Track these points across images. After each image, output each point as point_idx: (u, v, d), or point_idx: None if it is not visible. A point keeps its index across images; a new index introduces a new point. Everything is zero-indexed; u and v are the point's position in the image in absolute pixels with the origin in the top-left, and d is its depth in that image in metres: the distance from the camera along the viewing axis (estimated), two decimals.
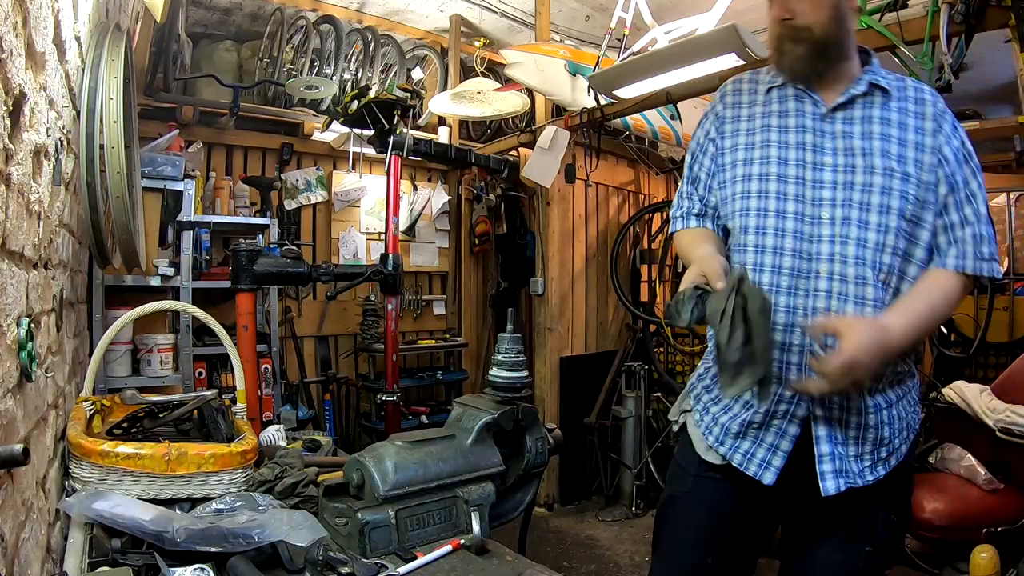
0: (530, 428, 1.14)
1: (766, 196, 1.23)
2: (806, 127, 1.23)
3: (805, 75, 1.22)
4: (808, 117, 1.23)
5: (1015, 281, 3.37)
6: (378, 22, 4.05)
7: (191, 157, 3.08)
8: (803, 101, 1.25)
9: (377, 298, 4.00)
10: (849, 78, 1.22)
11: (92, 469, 1.07)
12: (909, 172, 1.16)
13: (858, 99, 1.21)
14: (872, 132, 1.19)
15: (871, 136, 1.18)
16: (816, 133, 1.21)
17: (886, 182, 1.15)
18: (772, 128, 1.26)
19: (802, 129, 1.23)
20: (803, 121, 1.23)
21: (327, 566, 0.89)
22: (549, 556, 3.12)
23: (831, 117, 1.21)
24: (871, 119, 1.20)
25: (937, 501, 2.46)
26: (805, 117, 1.23)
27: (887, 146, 1.17)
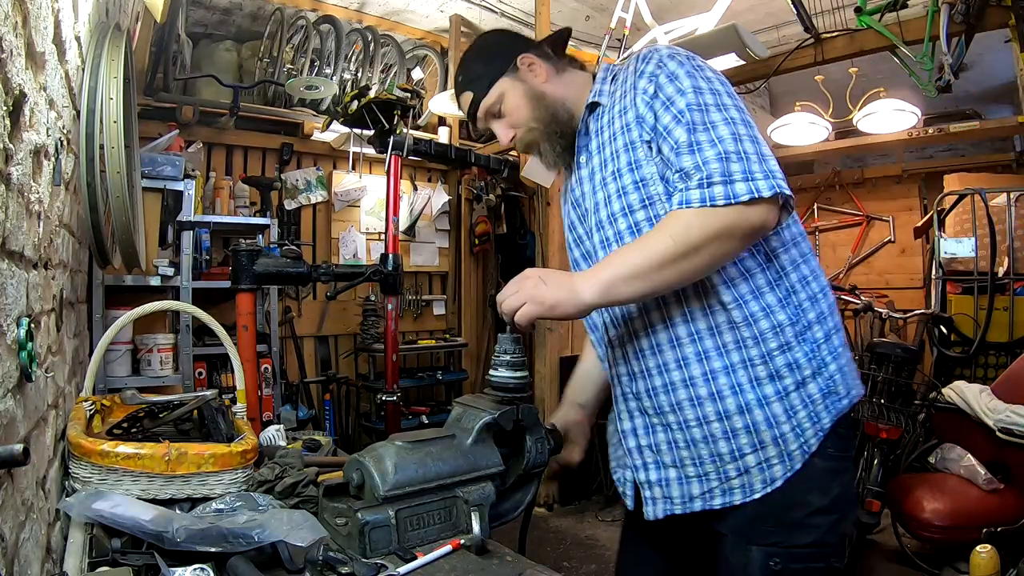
0: (530, 428, 1.14)
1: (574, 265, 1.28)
2: (575, 190, 1.25)
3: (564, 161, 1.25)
4: (573, 176, 1.26)
5: (1015, 281, 3.36)
6: (378, 22, 4.05)
7: (191, 157, 3.08)
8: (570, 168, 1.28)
9: (377, 298, 4.00)
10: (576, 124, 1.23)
11: (92, 469, 1.07)
12: (620, 166, 1.11)
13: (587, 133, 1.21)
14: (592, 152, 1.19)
15: (591, 157, 1.19)
16: (576, 187, 1.24)
17: (605, 193, 1.13)
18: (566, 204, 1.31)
19: (573, 191, 1.26)
20: (572, 184, 1.27)
21: (327, 566, 0.89)
22: (549, 556, 3.12)
23: (578, 165, 1.23)
24: (590, 140, 1.19)
25: (937, 501, 2.46)
26: (572, 178, 1.27)
27: (601, 156, 1.15)
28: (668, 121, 1.03)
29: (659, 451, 1.13)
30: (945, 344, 3.46)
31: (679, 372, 1.08)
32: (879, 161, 5.25)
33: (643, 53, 1.13)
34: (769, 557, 1.01)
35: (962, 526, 2.37)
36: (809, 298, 1.07)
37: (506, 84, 1.20)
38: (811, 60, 3.01)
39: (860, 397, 1.10)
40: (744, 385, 1.04)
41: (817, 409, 1.04)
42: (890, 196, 5.14)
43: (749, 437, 1.03)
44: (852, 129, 4.08)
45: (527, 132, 1.21)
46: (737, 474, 1.05)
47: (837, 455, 1.05)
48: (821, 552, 1.02)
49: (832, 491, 1.04)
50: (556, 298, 0.98)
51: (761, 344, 1.04)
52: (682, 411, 1.08)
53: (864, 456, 2.73)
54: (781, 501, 1.02)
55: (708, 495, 1.07)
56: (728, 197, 0.94)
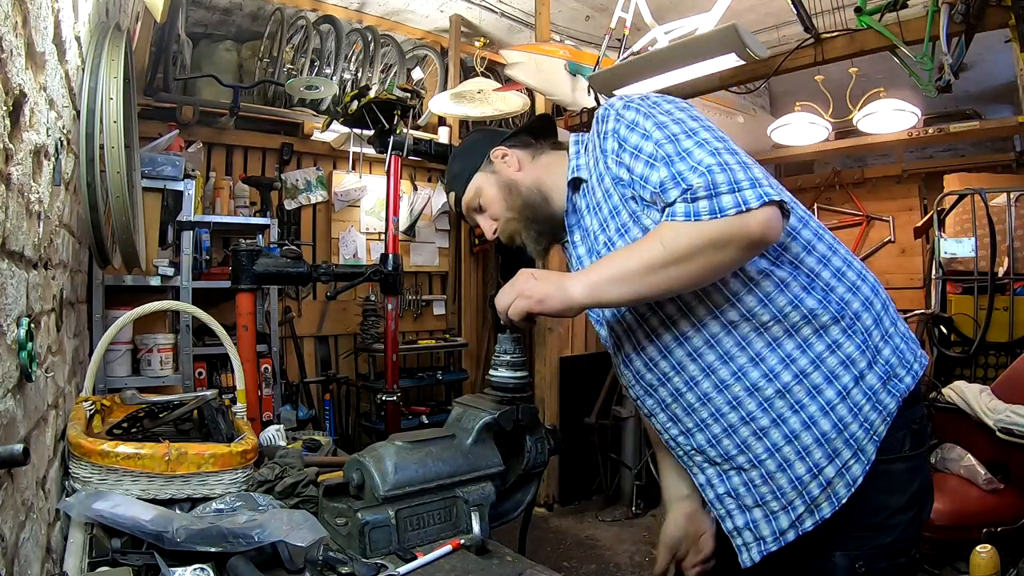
0: (530, 428, 1.14)
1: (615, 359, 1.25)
2: (573, 268, 1.25)
3: (547, 247, 1.26)
4: (571, 257, 1.26)
5: (1015, 281, 3.36)
6: (378, 22, 4.05)
7: (191, 157, 3.08)
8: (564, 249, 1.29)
9: (377, 298, 4.00)
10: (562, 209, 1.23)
11: (92, 469, 1.07)
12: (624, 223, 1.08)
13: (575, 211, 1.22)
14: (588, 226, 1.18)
15: (588, 230, 1.18)
16: (577, 263, 1.24)
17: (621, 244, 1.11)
18: None
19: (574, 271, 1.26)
20: (571, 265, 1.26)
21: (327, 566, 0.89)
22: (549, 556, 3.12)
23: (573, 244, 1.23)
24: (582, 217, 1.20)
25: (937, 501, 2.43)
26: (571, 260, 1.27)
27: (601, 223, 1.14)
28: (642, 169, 1.02)
29: (738, 495, 1.08)
30: (945, 344, 3.46)
31: (734, 413, 1.04)
32: (879, 161, 5.25)
33: (599, 112, 1.13)
34: (853, 561, 1.00)
35: (962, 526, 2.37)
36: (849, 288, 1.04)
37: (481, 179, 1.25)
38: (811, 60, 3.01)
39: (924, 368, 1.07)
40: (803, 400, 1.01)
41: (880, 397, 1.01)
42: (890, 196, 5.13)
43: (822, 449, 1.00)
44: (852, 129, 4.08)
45: (506, 223, 1.24)
46: (820, 490, 1.01)
47: (913, 454, 1.04)
48: (902, 548, 1.02)
49: (911, 488, 1.03)
50: (545, 292, 1.00)
51: (808, 351, 1.01)
52: (750, 448, 1.04)
53: None
54: (862, 507, 1.01)
55: (798, 522, 1.03)
56: (713, 211, 0.91)
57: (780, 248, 1.03)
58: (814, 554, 1.04)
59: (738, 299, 1.02)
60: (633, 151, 1.04)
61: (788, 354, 1.01)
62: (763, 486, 1.05)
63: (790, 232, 1.04)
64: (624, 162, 1.05)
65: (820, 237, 1.07)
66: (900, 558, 1.02)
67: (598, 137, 1.12)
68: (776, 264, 1.02)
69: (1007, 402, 2.44)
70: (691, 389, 1.07)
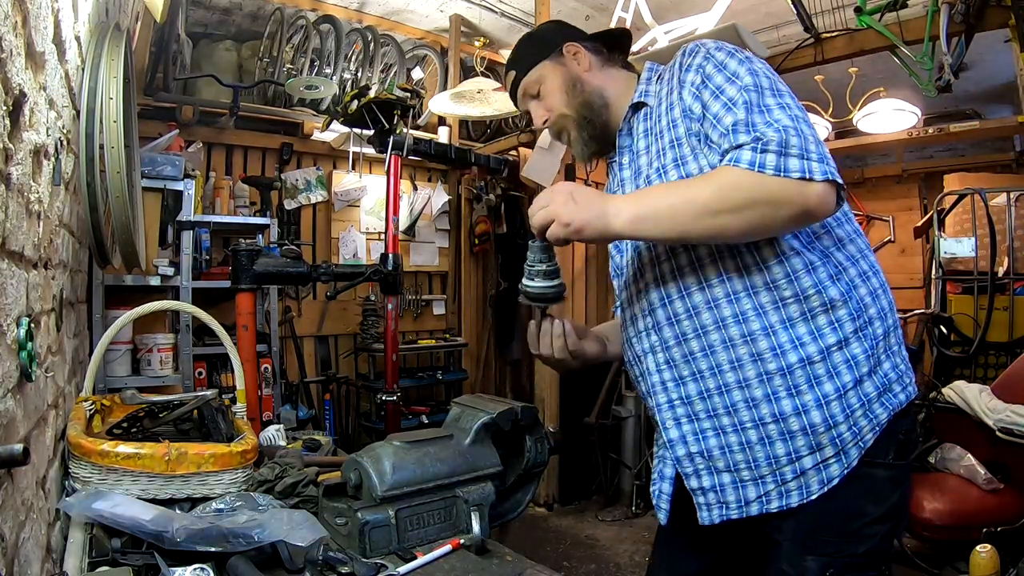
0: (530, 428, 1.14)
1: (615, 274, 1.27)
2: (614, 188, 1.24)
3: (593, 155, 1.25)
4: (615, 177, 1.24)
5: (1015, 281, 3.36)
6: (378, 22, 4.05)
7: (191, 157, 3.08)
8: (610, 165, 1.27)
9: (377, 298, 4.00)
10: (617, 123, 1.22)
11: (92, 469, 1.07)
12: (666, 163, 1.08)
13: (630, 133, 1.20)
14: (638, 151, 1.17)
15: (638, 156, 1.16)
16: (619, 186, 1.22)
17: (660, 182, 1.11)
18: None
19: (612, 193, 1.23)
20: (612, 186, 1.25)
21: (327, 566, 0.89)
22: (549, 556, 3.12)
23: (620, 166, 1.22)
24: (638, 140, 1.18)
25: (937, 501, 2.46)
26: (614, 179, 1.25)
27: (648, 156, 1.14)
28: (718, 109, 1.00)
29: (711, 457, 1.08)
30: (945, 344, 3.46)
31: (733, 374, 1.04)
32: (879, 161, 5.25)
33: (688, 47, 1.10)
34: (825, 567, 1.00)
35: (962, 526, 2.37)
36: (870, 292, 1.04)
37: (547, 67, 1.22)
38: (811, 60, 3.01)
39: (915, 396, 1.06)
40: (802, 386, 1.00)
41: (873, 407, 1.01)
42: (890, 196, 5.14)
43: (807, 439, 1.01)
44: (852, 129, 4.08)
45: (559, 117, 1.21)
46: (794, 476, 1.02)
47: (897, 463, 1.03)
48: (875, 560, 1.02)
49: (890, 500, 1.02)
50: (584, 220, 0.97)
51: (819, 340, 1.00)
52: (737, 413, 1.04)
53: None
54: (840, 511, 1.01)
55: (765, 498, 1.04)
56: (779, 169, 0.89)
57: (814, 235, 1.03)
58: (786, 556, 1.04)
59: (767, 266, 1.01)
60: (715, 90, 1.01)
61: (799, 336, 1.00)
62: (739, 453, 1.05)
63: (829, 223, 1.04)
64: (702, 97, 1.03)
65: (853, 239, 1.08)
66: (871, 571, 1.02)
67: (680, 69, 1.09)
68: (808, 248, 1.02)
69: (1007, 402, 2.44)
70: (698, 337, 1.06)
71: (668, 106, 1.10)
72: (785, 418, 1.01)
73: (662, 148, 1.10)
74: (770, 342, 1.01)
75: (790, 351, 1.00)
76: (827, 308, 1.00)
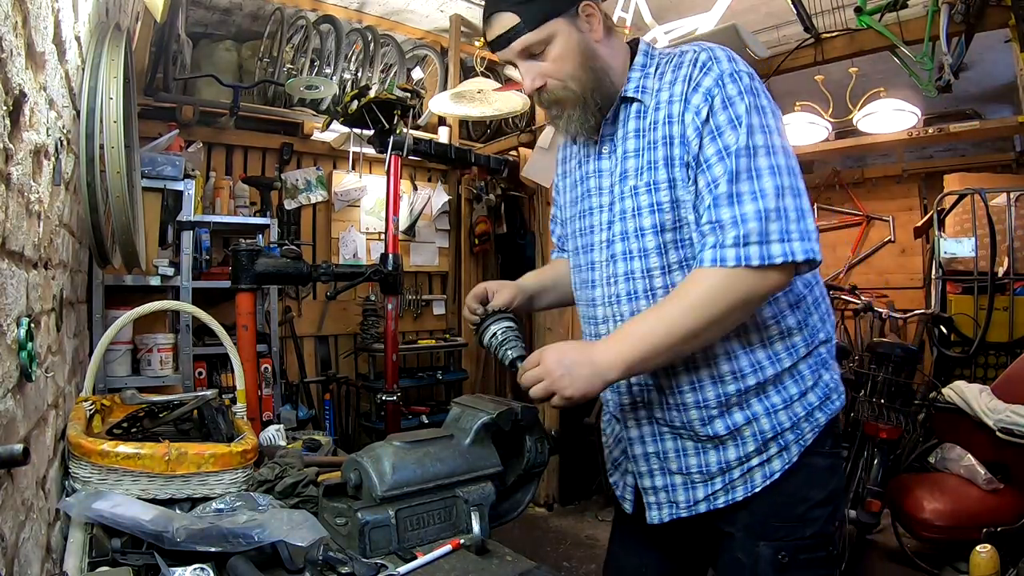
0: (529, 428, 1.14)
1: (573, 255, 1.26)
2: (590, 172, 1.19)
3: (583, 132, 1.15)
4: (590, 160, 1.19)
5: (1015, 281, 3.36)
6: (378, 22, 4.04)
7: (191, 157, 3.08)
8: (587, 144, 1.20)
9: (377, 298, 4.00)
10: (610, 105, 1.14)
11: (92, 469, 1.07)
12: (659, 180, 1.05)
13: (615, 122, 1.14)
14: (627, 151, 1.11)
15: (625, 157, 1.11)
16: (592, 175, 1.18)
17: (635, 203, 1.09)
18: (577, 183, 1.24)
19: (586, 176, 1.20)
20: (587, 167, 1.20)
21: (327, 566, 0.89)
22: (549, 556, 3.12)
23: (599, 153, 1.17)
24: (626, 137, 1.12)
25: (937, 501, 2.46)
26: (589, 161, 1.19)
27: (637, 162, 1.09)
28: (711, 154, 0.99)
29: (666, 458, 1.15)
30: (945, 344, 3.46)
31: (692, 395, 1.10)
32: (879, 161, 5.25)
33: (701, 57, 1.04)
34: (777, 551, 1.06)
35: (962, 526, 2.37)
36: (820, 318, 1.13)
37: (561, 26, 1.05)
38: (811, 60, 3.01)
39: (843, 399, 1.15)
40: (752, 399, 1.08)
41: (815, 413, 1.09)
42: (890, 196, 5.14)
43: (756, 443, 1.08)
44: (852, 129, 4.08)
45: (562, 89, 1.09)
46: (740, 475, 1.09)
47: (833, 452, 1.12)
48: (822, 541, 1.09)
49: (830, 485, 1.10)
50: (584, 390, 0.99)
51: (777, 364, 1.08)
52: (692, 426, 1.11)
53: (864, 456, 2.73)
54: (786, 498, 1.07)
55: (712, 497, 1.11)
56: (763, 258, 0.94)
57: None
58: (739, 545, 1.10)
59: None
60: (714, 130, 1.00)
61: (758, 361, 1.08)
62: (693, 457, 1.12)
63: None
64: (702, 134, 1.01)
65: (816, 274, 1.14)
66: (820, 551, 1.08)
67: (688, 83, 1.03)
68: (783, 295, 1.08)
69: (1007, 402, 2.44)
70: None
71: (667, 118, 1.06)
72: (739, 428, 1.08)
73: (653, 161, 1.07)
74: (731, 366, 1.08)
75: (749, 375, 1.07)
76: (784, 335, 1.08)
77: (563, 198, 1.31)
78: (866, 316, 3.52)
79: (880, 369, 2.90)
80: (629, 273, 1.12)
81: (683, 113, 1.04)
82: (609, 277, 1.15)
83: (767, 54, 2.90)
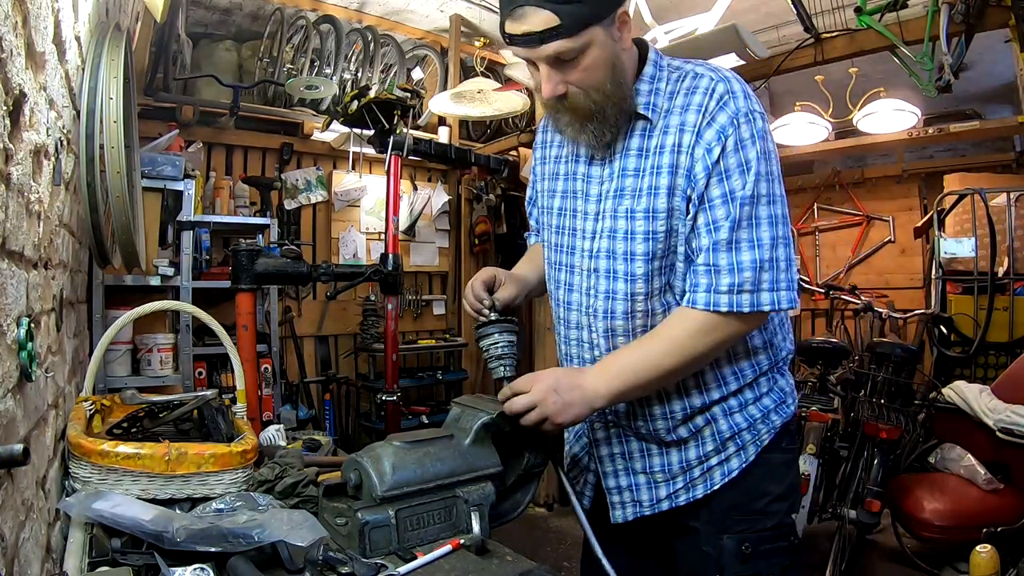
0: (530, 428, 1.14)
1: (548, 247, 1.25)
2: (577, 174, 1.16)
3: (595, 147, 1.11)
4: (579, 161, 1.16)
5: (1015, 281, 3.36)
6: (378, 22, 4.04)
7: (191, 157, 3.08)
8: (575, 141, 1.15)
9: (377, 298, 4.00)
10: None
11: (92, 469, 1.07)
12: (659, 208, 1.04)
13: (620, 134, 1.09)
14: (625, 169, 1.08)
15: (624, 174, 1.08)
16: (579, 178, 1.16)
17: (629, 226, 1.07)
18: (559, 176, 1.22)
19: (573, 176, 1.18)
20: (573, 166, 1.17)
21: (327, 566, 0.89)
22: (549, 556, 3.11)
23: (589, 158, 1.14)
24: (626, 153, 1.09)
25: (937, 501, 2.46)
26: (578, 162, 1.16)
27: (636, 183, 1.07)
28: (716, 196, 1.01)
29: (631, 458, 1.20)
30: (945, 344, 3.46)
31: (660, 407, 1.15)
32: (879, 161, 5.25)
33: (718, 90, 1.02)
34: (741, 543, 1.11)
35: (962, 526, 2.37)
36: (783, 336, 1.19)
37: (598, 34, 0.98)
38: (811, 60, 3.01)
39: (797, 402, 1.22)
40: (715, 409, 1.14)
41: (771, 416, 1.16)
42: (890, 196, 5.13)
43: (714, 443, 1.15)
44: (852, 129, 4.08)
45: (584, 99, 1.02)
46: (700, 473, 1.15)
47: (789, 448, 1.19)
48: (783, 532, 1.15)
49: (786, 480, 1.17)
50: (576, 415, 1.05)
51: (740, 378, 1.14)
52: (658, 433, 1.17)
53: (864, 456, 2.73)
54: (746, 493, 1.13)
55: (674, 496, 1.17)
56: (753, 306, 1.01)
57: None
58: (703, 538, 1.15)
59: None
60: (723, 172, 1.00)
61: (723, 375, 1.13)
62: (656, 457, 1.18)
63: None
64: (710, 173, 1.01)
65: None
66: (781, 541, 1.14)
67: (702, 114, 1.01)
68: None
69: (1007, 402, 2.44)
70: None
71: (675, 145, 1.03)
72: (699, 429, 1.15)
73: (653, 188, 1.05)
74: (695, 380, 1.13)
75: (713, 389, 1.13)
76: (750, 353, 1.14)
77: (541, 185, 1.29)
78: (866, 316, 3.52)
79: (880, 369, 2.90)
80: (611, 292, 1.13)
81: (693, 147, 1.02)
82: (589, 288, 1.16)
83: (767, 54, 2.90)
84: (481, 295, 1.21)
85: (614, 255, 1.11)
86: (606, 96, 1.03)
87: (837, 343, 3.19)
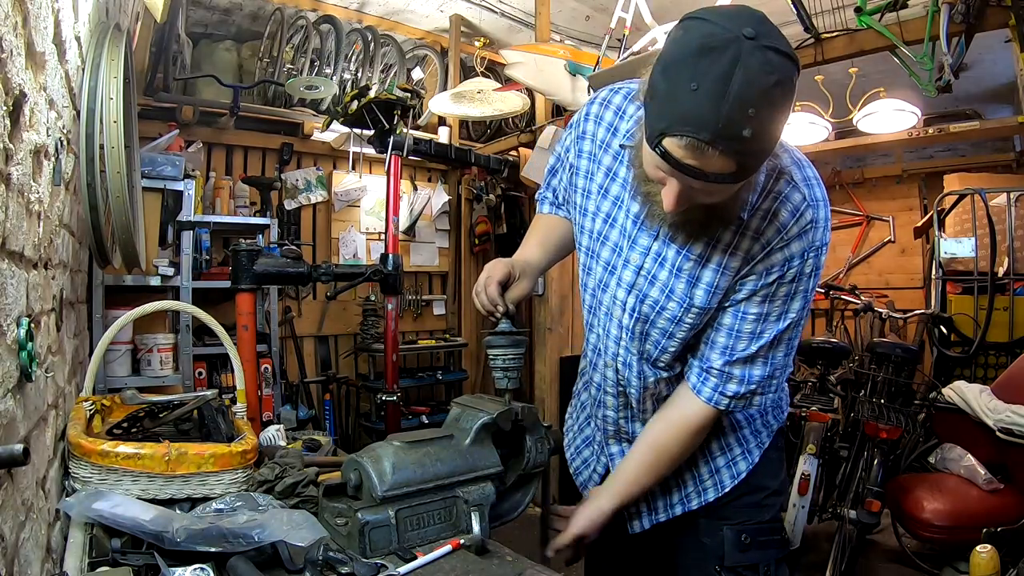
0: (530, 428, 1.14)
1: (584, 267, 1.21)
2: (631, 212, 1.08)
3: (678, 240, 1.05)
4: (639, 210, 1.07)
5: (1015, 281, 3.36)
6: (378, 22, 4.05)
7: (191, 157, 3.08)
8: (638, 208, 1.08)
9: (377, 298, 4.00)
10: None
11: (92, 469, 1.07)
12: (711, 307, 1.05)
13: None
14: (691, 250, 1.04)
15: (688, 254, 1.04)
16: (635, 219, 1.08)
17: (677, 312, 1.06)
18: (607, 194, 1.13)
19: (625, 209, 1.09)
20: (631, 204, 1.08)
21: (327, 566, 0.89)
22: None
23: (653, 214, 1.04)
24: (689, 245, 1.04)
25: (937, 501, 2.46)
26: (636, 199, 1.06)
27: (695, 272, 1.04)
28: (753, 310, 1.05)
29: None
30: (945, 344, 3.46)
31: None
32: (879, 161, 5.25)
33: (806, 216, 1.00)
34: (740, 533, 1.17)
35: (962, 526, 2.37)
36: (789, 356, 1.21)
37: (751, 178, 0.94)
38: (811, 60, 3.01)
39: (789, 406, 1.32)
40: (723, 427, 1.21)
41: (769, 420, 1.24)
42: (890, 196, 5.14)
43: (722, 453, 1.22)
44: (852, 129, 4.08)
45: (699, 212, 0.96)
46: (709, 476, 1.21)
47: (782, 447, 1.29)
48: (777, 526, 1.23)
49: (780, 476, 1.27)
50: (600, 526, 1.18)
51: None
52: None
53: (864, 456, 2.73)
54: (746, 487, 1.21)
55: (686, 499, 1.23)
56: (746, 408, 1.13)
57: None
58: (704, 528, 1.21)
59: None
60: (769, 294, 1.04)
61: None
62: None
63: None
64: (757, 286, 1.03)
65: None
66: (776, 535, 1.22)
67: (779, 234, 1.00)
68: None
69: (1007, 402, 2.44)
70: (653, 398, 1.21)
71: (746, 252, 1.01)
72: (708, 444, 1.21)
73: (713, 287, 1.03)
74: None
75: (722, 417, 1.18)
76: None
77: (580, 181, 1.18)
78: (866, 316, 3.52)
79: (880, 369, 2.90)
80: (634, 351, 1.15)
81: (756, 261, 1.01)
82: (612, 331, 1.17)
83: None
84: (496, 299, 1.15)
85: (650, 323, 1.11)
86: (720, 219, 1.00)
87: (837, 343, 3.19)
